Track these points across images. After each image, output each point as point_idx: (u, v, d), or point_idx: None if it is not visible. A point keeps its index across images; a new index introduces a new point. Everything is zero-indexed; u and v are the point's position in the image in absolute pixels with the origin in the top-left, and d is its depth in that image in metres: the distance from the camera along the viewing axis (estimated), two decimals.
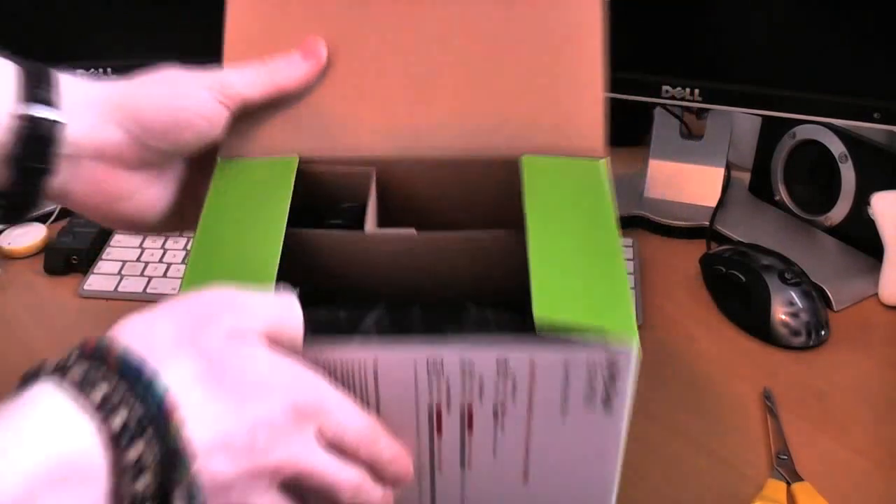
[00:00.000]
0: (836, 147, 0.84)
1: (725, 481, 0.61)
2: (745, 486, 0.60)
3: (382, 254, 0.51)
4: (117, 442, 0.33)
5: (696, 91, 0.85)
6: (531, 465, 0.47)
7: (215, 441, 0.36)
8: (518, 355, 0.42)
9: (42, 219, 0.91)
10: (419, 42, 0.55)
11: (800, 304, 0.75)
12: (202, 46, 0.53)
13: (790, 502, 0.59)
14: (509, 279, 0.49)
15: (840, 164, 0.84)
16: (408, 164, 0.53)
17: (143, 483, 0.34)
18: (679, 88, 0.85)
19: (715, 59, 0.85)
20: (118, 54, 0.89)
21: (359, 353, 0.42)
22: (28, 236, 0.88)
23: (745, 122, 0.97)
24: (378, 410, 0.44)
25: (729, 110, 0.88)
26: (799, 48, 0.81)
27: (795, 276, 0.76)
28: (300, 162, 0.52)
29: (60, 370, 0.35)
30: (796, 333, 0.74)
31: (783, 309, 0.74)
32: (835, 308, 0.78)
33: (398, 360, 0.42)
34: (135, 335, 0.37)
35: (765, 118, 0.90)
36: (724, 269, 0.79)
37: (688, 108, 0.91)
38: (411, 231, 0.51)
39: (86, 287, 0.82)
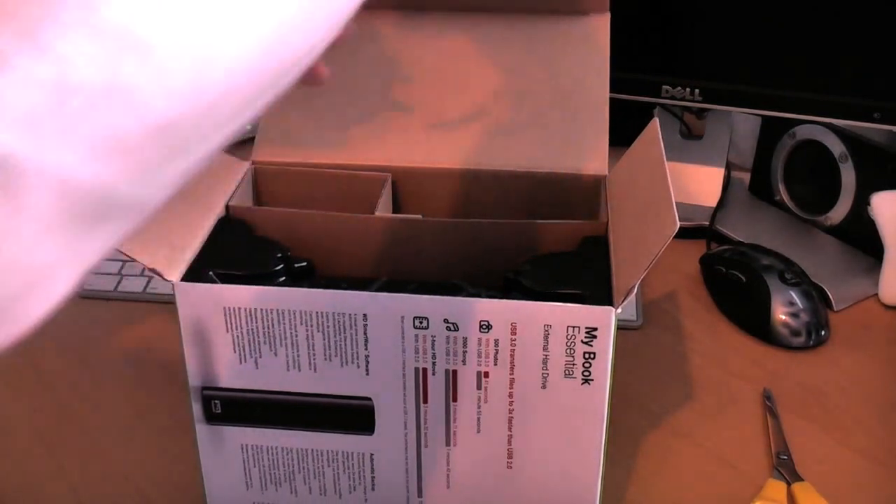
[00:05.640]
0: (836, 147, 0.84)
1: (725, 481, 0.61)
2: (745, 486, 0.60)
3: (389, 238, 0.55)
4: None
5: (696, 91, 0.85)
6: (515, 444, 0.51)
7: None
8: (499, 311, 0.46)
9: None
10: (449, 74, 0.62)
11: (800, 304, 0.75)
12: None
13: (790, 502, 0.59)
14: (508, 266, 0.52)
15: (840, 164, 0.84)
16: (421, 175, 0.60)
17: None
18: (679, 88, 0.85)
19: (715, 59, 0.85)
20: None
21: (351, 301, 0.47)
22: None
23: (745, 122, 0.97)
24: (367, 371, 0.48)
25: (729, 110, 0.88)
26: (798, 48, 0.81)
27: (795, 276, 0.76)
28: (325, 167, 0.60)
29: None
30: (796, 333, 0.74)
31: (783, 309, 0.74)
32: (835, 308, 0.78)
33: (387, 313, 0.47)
34: None
35: (765, 118, 0.90)
36: (724, 269, 0.79)
37: (688, 108, 0.91)
38: (417, 216, 0.56)
39: (85, 287, 0.82)
